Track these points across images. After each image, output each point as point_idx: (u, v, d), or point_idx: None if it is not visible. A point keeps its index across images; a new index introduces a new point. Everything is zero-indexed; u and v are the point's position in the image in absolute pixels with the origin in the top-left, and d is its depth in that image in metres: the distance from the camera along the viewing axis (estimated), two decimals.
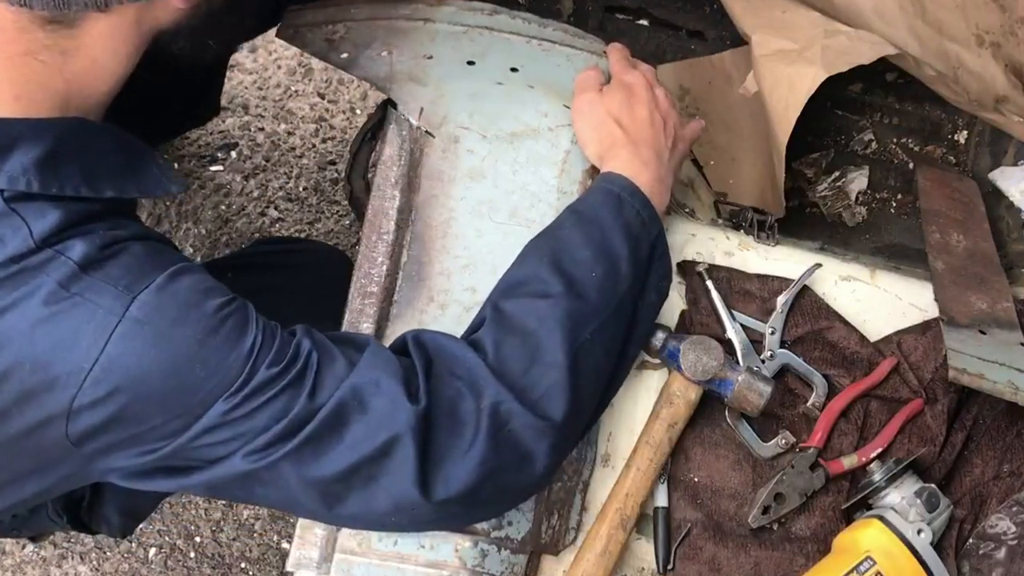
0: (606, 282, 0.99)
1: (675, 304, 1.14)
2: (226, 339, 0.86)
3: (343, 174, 1.30)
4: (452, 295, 1.08)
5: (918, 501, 1.07)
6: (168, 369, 0.84)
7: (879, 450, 1.12)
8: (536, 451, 0.93)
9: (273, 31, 1.19)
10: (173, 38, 0.91)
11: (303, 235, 1.99)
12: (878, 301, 1.18)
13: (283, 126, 2.02)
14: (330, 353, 0.91)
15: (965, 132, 1.48)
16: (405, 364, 0.93)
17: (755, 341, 1.13)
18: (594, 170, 1.11)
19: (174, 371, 0.84)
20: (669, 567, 1.10)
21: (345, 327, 1.07)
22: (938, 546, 1.07)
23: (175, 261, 0.87)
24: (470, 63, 1.16)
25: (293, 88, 2.02)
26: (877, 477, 1.09)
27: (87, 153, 0.87)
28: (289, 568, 1.07)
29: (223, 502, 1.92)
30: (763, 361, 1.13)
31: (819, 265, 1.16)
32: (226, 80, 1.79)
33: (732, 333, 1.13)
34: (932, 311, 1.16)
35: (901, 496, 1.08)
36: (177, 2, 0.87)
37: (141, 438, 0.87)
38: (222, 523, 1.93)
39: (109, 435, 0.86)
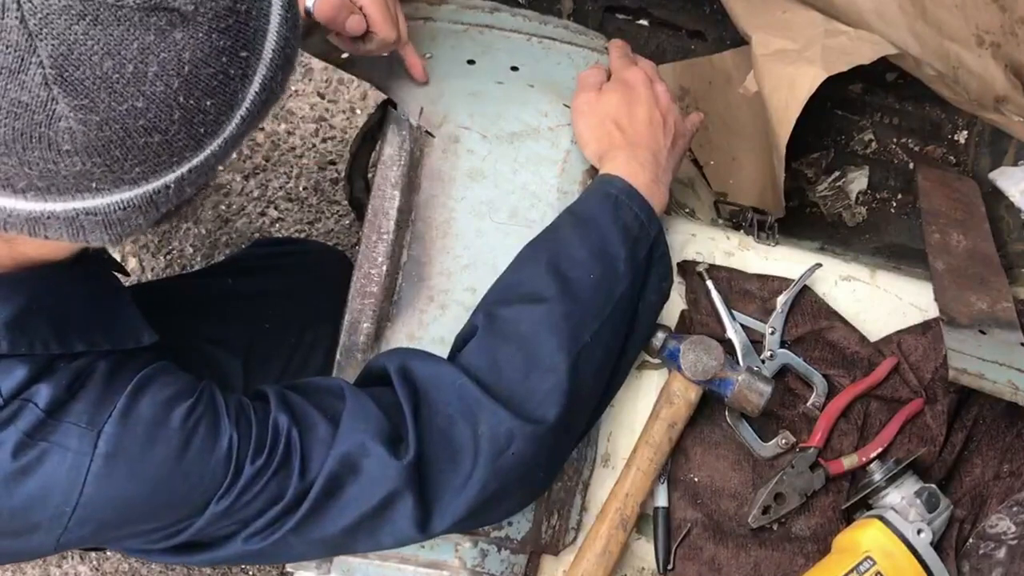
0: (604, 284, 0.98)
1: (675, 304, 1.14)
2: (201, 448, 0.83)
3: (343, 174, 1.30)
4: (452, 295, 1.08)
5: (918, 501, 1.07)
6: (150, 493, 0.83)
7: (879, 450, 1.12)
8: (539, 462, 0.93)
9: None
10: None
11: (303, 235, 1.99)
12: (878, 301, 1.18)
13: (283, 126, 2.01)
14: (309, 420, 0.89)
15: (965, 132, 1.48)
16: (389, 404, 0.92)
17: (755, 341, 1.13)
18: (594, 170, 1.11)
19: (157, 493, 0.83)
20: (669, 567, 1.10)
21: (345, 327, 1.07)
22: (938, 546, 1.07)
23: (136, 371, 0.84)
24: (470, 62, 1.16)
25: (293, 88, 2.02)
26: (877, 477, 1.09)
27: (58, 307, 0.83)
28: (289, 568, 1.07)
29: None
30: (763, 361, 1.12)
31: (819, 265, 1.16)
32: None
33: (732, 333, 1.12)
34: (932, 311, 1.16)
35: (901, 496, 1.08)
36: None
37: (137, 540, 0.88)
38: None
39: (103, 543, 0.88)
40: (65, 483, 0.80)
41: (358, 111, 2.02)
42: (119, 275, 0.98)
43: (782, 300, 1.14)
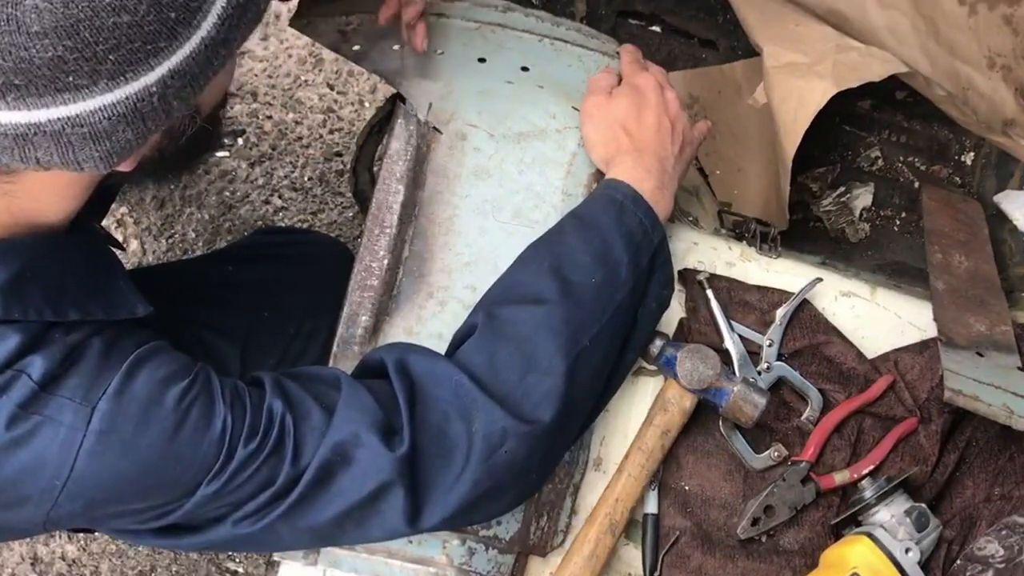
0: (605, 289, 0.98)
1: (674, 311, 1.14)
2: (195, 429, 0.83)
3: (349, 166, 1.30)
4: (452, 292, 1.08)
5: (908, 520, 1.07)
6: (141, 472, 0.82)
7: (871, 467, 1.12)
8: (531, 463, 0.93)
9: (286, 20, 1.19)
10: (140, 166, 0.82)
11: (306, 225, 1.99)
12: (877, 318, 1.18)
13: (291, 115, 2.02)
14: (303, 407, 0.88)
15: (972, 153, 1.48)
16: (385, 397, 0.91)
17: (752, 352, 1.13)
18: (599, 173, 1.11)
19: (148, 472, 0.83)
20: (656, 574, 1.10)
21: (343, 319, 1.07)
22: (926, 566, 1.07)
23: (132, 349, 0.84)
24: (481, 60, 1.16)
25: (303, 78, 2.02)
26: (868, 494, 1.09)
27: (53, 274, 0.83)
28: (276, 557, 1.07)
29: None
30: (759, 373, 1.12)
31: (820, 279, 1.16)
32: (236, 67, 1.79)
33: (730, 343, 1.13)
34: (931, 331, 1.16)
35: (891, 514, 1.08)
36: (124, 166, 0.78)
37: (125, 519, 0.88)
38: None
39: (92, 522, 0.88)
40: (57, 457, 0.80)
41: (367, 104, 2.02)
42: (115, 250, 0.98)
43: (781, 313, 1.14)
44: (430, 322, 1.07)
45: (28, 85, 0.67)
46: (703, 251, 1.17)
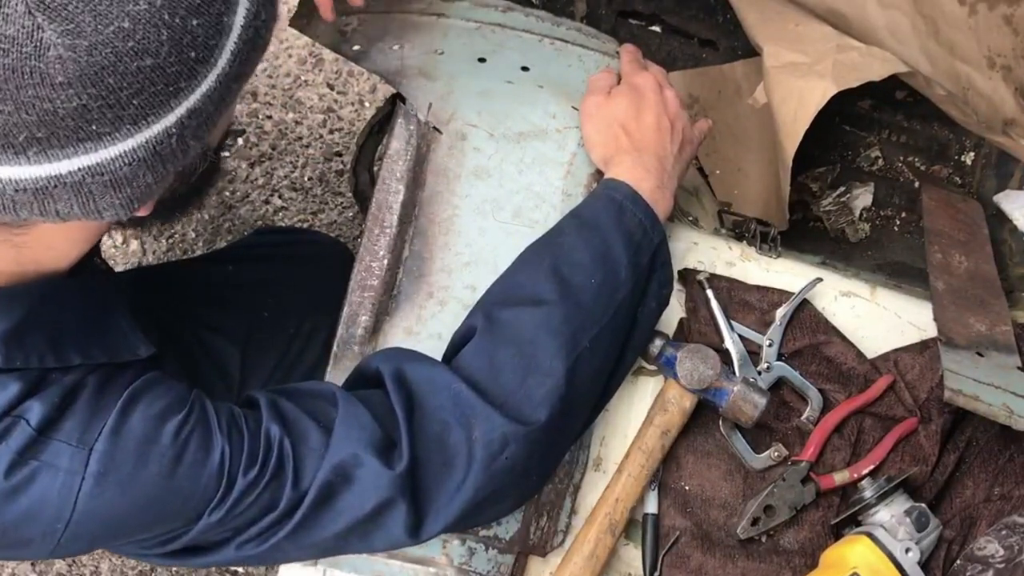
0: (605, 289, 0.98)
1: (674, 311, 1.14)
2: (193, 463, 0.83)
3: (349, 166, 1.30)
4: (452, 292, 1.08)
5: (907, 520, 1.07)
6: (142, 508, 0.82)
7: (871, 467, 1.12)
8: (531, 465, 0.93)
9: (286, 20, 1.19)
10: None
11: (306, 225, 1.99)
12: (877, 318, 1.18)
13: (291, 115, 2.02)
14: (301, 428, 0.88)
15: (972, 153, 1.48)
16: (383, 410, 0.91)
17: (752, 352, 1.13)
18: (599, 173, 1.11)
19: (149, 508, 0.83)
20: (656, 574, 1.10)
21: (343, 319, 1.07)
22: (926, 566, 1.07)
23: (126, 385, 0.83)
24: (481, 60, 1.16)
25: (303, 77, 2.02)
26: (868, 494, 1.09)
27: (55, 320, 0.82)
28: None
29: None
30: (759, 373, 1.12)
31: (820, 279, 1.16)
32: None
33: (730, 343, 1.13)
34: (931, 331, 1.16)
35: (891, 514, 1.08)
36: (142, 211, 0.77)
37: (130, 547, 0.88)
38: None
39: (97, 549, 0.88)
40: (56, 502, 0.79)
41: (367, 103, 2.02)
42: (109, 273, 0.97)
43: (781, 313, 1.14)
44: (430, 322, 1.07)
45: (50, 137, 0.66)
46: (703, 251, 1.17)
